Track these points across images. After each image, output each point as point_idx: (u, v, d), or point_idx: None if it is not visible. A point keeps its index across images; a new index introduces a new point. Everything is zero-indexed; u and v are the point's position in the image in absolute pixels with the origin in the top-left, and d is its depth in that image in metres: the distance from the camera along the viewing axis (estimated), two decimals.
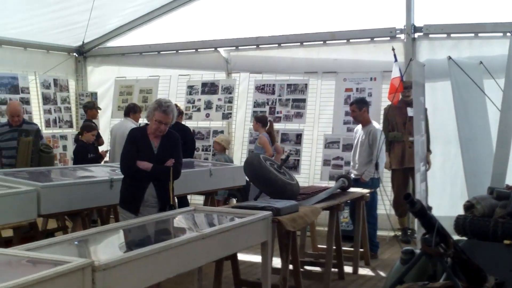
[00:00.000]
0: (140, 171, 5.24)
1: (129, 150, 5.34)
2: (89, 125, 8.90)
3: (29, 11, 9.75)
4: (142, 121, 9.00)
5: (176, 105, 6.51)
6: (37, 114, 10.54)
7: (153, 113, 5.25)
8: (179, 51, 11.12)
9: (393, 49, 8.43)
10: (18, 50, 10.67)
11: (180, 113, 8.80)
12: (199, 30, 10.69)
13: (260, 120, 8.96)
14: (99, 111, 10.37)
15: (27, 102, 10.27)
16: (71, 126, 11.17)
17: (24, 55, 10.74)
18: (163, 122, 5.23)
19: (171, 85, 10.88)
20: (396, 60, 8.37)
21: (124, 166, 5.38)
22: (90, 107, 10.00)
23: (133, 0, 10.48)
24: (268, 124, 9.00)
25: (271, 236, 5.08)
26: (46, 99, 10.71)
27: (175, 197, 6.06)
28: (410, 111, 8.16)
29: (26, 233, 6.21)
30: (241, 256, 6.55)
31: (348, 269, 7.00)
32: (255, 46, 10.37)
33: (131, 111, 8.92)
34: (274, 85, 9.91)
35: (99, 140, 9.71)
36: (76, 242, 4.00)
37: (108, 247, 4.33)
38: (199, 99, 10.46)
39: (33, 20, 9.98)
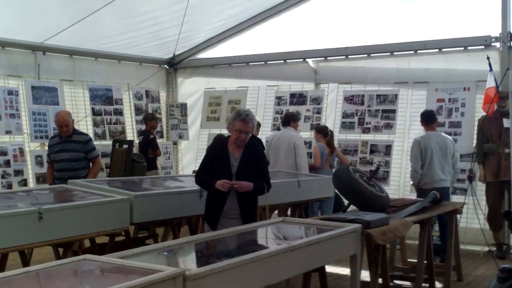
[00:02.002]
0: (207, 185, 5.32)
1: (202, 163, 5.46)
2: (220, 136, 9.01)
3: (124, 27, 10.11)
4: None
5: None
6: (129, 125, 10.87)
7: (232, 123, 5.27)
8: (268, 62, 11.17)
9: (488, 58, 8.13)
10: (113, 63, 11.04)
11: (258, 125, 8.87)
12: (287, 41, 10.73)
13: (321, 131, 8.95)
14: (158, 122, 10.53)
15: (120, 113, 10.61)
16: (161, 137, 11.43)
17: (118, 68, 11.10)
18: (243, 131, 5.22)
19: (260, 96, 10.94)
20: (491, 70, 8.07)
21: (195, 177, 5.52)
22: (150, 118, 10.19)
23: (222, 13, 10.65)
24: (329, 134, 8.95)
25: (361, 249, 4.98)
26: (138, 110, 11.01)
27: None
28: (506, 122, 7.87)
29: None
30: (329, 268, 6.47)
31: (439, 284, 6.79)
32: (344, 56, 10.27)
33: (291, 119, 8.72)
34: (363, 95, 9.78)
35: (156, 151, 9.84)
36: (165, 253, 4.06)
37: (198, 257, 4.37)
38: (287, 110, 10.45)
39: (127, 35, 10.33)
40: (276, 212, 8.37)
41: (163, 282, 3.05)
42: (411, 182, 8.11)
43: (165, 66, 12.16)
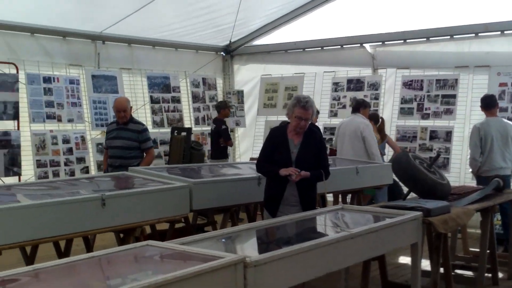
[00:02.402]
0: (269, 172, 5.32)
1: (263, 150, 5.46)
2: (284, 123, 8.76)
3: (181, 15, 10.18)
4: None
5: None
6: (187, 112, 10.97)
7: (292, 109, 5.25)
8: (324, 48, 11.09)
9: None
10: (170, 51, 11.16)
11: (317, 112, 8.80)
12: (344, 26, 10.59)
13: (371, 117, 8.83)
14: (231, 110, 10.54)
15: (177, 100, 10.72)
16: None
17: (175, 56, 11.21)
18: (303, 117, 5.19)
19: (316, 82, 10.89)
20: None
21: (256, 165, 5.51)
22: (223, 106, 10.23)
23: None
24: (380, 121, 8.90)
25: (421, 237, 4.91)
26: (195, 98, 11.10)
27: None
28: None
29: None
30: (388, 257, 6.41)
31: (502, 274, 6.64)
32: (402, 41, 10.10)
33: (361, 106, 8.46)
34: (422, 80, 9.60)
35: (228, 141, 9.88)
36: (223, 239, 4.08)
37: (257, 244, 4.39)
38: (345, 96, 10.37)
39: (184, 23, 10.40)
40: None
41: (224, 269, 3.08)
42: (470, 170, 7.95)
43: (222, 53, 12.21)
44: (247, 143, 11.92)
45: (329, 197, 8.46)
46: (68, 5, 8.86)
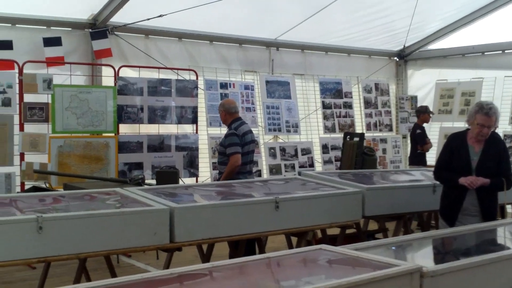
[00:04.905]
0: (449, 180, 5.14)
1: (440, 156, 5.33)
2: None
3: (353, 20, 10.17)
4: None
5: None
6: (358, 118, 10.90)
7: (474, 116, 5.04)
8: (505, 51, 10.57)
9: None
10: (342, 57, 11.19)
11: None
12: None
13: None
14: (431, 115, 10.19)
15: (349, 106, 10.67)
16: (390, 130, 11.30)
17: (347, 61, 11.24)
18: (485, 125, 4.98)
19: (496, 88, 10.33)
20: None
21: (434, 172, 5.38)
22: (423, 112, 9.98)
23: (455, 1, 10.23)
24: None
25: None
26: (367, 103, 11.00)
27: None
28: None
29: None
30: None
31: None
32: None
33: None
34: None
35: (423, 146, 9.58)
36: (393, 247, 3.98)
37: (433, 253, 4.23)
38: None
39: (356, 28, 10.38)
40: None
41: (399, 277, 2.99)
42: None
43: (395, 58, 12.02)
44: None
45: (508, 209, 7.99)
46: (244, 14, 9.19)
